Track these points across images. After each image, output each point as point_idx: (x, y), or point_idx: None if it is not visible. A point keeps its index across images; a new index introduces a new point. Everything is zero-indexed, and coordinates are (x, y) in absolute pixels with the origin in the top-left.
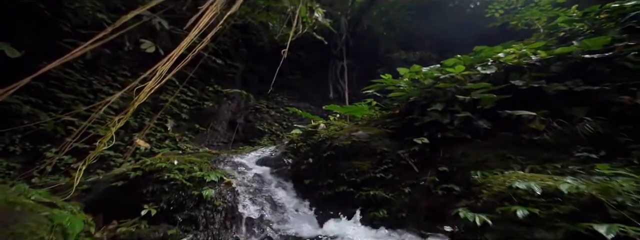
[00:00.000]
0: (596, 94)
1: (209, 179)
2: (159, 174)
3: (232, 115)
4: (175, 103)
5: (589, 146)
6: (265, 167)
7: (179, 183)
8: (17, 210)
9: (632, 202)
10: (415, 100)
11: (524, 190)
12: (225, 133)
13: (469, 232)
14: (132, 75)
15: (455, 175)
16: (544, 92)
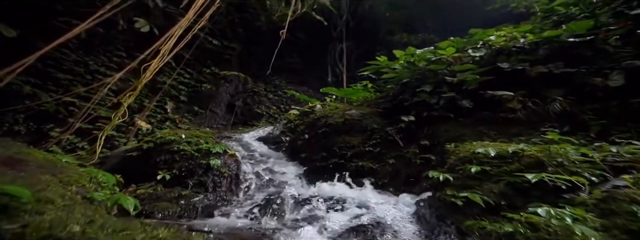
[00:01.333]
0: (573, 76)
1: (215, 151)
2: (170, 146)
3: (230, 98)
4: (173, 85)
5: (555, 123)
6: (265, 144)
7: (188, 153)
8: (58, 166)
9: (568, 161)
10: (407, 81)
11: (483, 153)
12: (224, 115)
13: (434, 187)
14: (128, 55)
15: (435, 148)
16: (526, 74)
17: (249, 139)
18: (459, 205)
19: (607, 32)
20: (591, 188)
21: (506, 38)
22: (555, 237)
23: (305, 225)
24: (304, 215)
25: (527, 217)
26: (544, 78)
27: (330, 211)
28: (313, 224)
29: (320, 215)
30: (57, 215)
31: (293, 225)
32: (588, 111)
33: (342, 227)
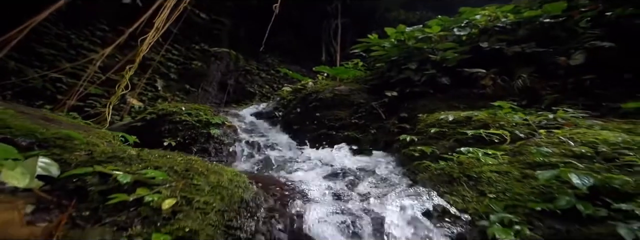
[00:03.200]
0: (542, 55)
1: (214, 122)
2: (172, 117)
3: (222, 76)
4: (162, 62)
5: (517, 97)
6: (259, 119)
7: (190, 123)
8: (83, 126)
9: (508, 124)
10: (396, 59)
11: (444, 119)
12: (217, 94)
13: (403, 146)
14: (111, 29)
15: (411, 119)
16: (503, 53)
17: (245, 114)
18: (416, 155)
19: (579, 14)
20: (517, 141)
21: (489, 17)
22: (469, 165)
23: (298, 172)
24: (297, 168)
25: (457, 157)
26: (518, 57)
27: (316, 167)
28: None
29: (310, 167)
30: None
31: (289, 172)
32: (547, 87)
33: (327, 173)
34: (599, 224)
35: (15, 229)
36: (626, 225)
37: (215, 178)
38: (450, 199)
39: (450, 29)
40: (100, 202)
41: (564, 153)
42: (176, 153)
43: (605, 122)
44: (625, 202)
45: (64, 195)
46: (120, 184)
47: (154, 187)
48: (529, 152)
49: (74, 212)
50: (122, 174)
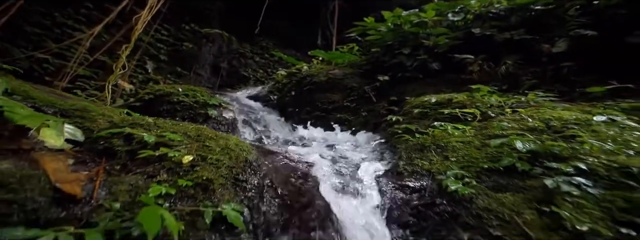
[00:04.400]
0: (530, 42)
1: (212, 103)
2: (169, 97)
3: (214, 59)
4: (151, 43)
5: (499, 82)
6: (255, 101)
7: (187, 104)
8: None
9: (483, 105)
10: (391, 44)
11: (428, 101)
12: (209, 78)
13: (389, 125)
14: (95, 7)
15: (400, 103)
16: (494, 39)
17: (240, 97)
18: (399, 132)
19: (570, 2)
20: (488, 119)
21: (484, 3)
22: (440, 137)
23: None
24: (291, 144)
25: (432, 131)
26: (507, 43)
27: (310, 143)
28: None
29: (303, 143)
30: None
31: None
32: (528, 73)
33: (320, 147)
34: (533, 178)
35: (64, 174)
36: (552, 179)
37: (224, 142)
38: (419, 162)
39: (445, 14)
40: (128, 159)
41: (521, 127)
42: (187, 122)
43: (571, 105)
44: (557, 163)
45: (94, 155)
46: (145, 143)
47: (174, 147)
48: (492, 126)
49: (107, 166)
50: (147, 135)
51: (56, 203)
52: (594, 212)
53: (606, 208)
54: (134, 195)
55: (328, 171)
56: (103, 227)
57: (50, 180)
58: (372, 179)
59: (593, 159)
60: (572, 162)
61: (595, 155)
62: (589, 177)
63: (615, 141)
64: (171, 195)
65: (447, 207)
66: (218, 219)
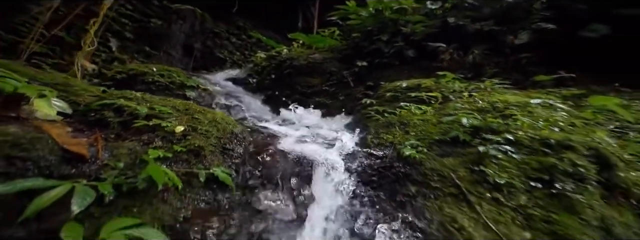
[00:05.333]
0: (497, 34)
1: (189, 84)
2: (143, 77)
3: (186, 38)
4: (115, 18)
5: (465, 70)
6: (234, 84)
7: (163, 84)
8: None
9: (447, 89)
10: (371, 29)
11: (399, 86)
12: (181, 58)
13: (363, 107)
14: None
15: (375, 87)
16: (466, 29)
17: (218, 79)
18: (371, 114)
19: None
20: (448, 101)
21: None
22: (404, 116)
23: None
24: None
25: (399, 112)
26: (478, 34)
27: (288, 123)
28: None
29: (282, 123)
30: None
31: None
32: (492, 63)
33: (297, 126)
34: (471, 147)
35: (67, 138)
36: (485, 146)
37: (211, 116)
38: (385, 136)
39: (424, 1)
40: (121, 129)
41: (471, 108)
42: (173, 98)
43: (521, 91)
44: (493, 135)
45: (87, 125)
46: (137, 115)
47: (165, 118)
48: (448, 107)
49: (102, 134)
50: (140, 107)
51: (66, 161)
52: (513, 170)
53: (523, 168)
54: (135, 158)
55: (304, 143)
56: (111, 181)
57: (57, 142)
58: (344, 149)
59: (521, 133)
60: (504, 134)
61: (524, 130)
62: (514, 146)
63: (546, 120)
64: (168, 159)
65: (402, 169)
66: (210, 179)
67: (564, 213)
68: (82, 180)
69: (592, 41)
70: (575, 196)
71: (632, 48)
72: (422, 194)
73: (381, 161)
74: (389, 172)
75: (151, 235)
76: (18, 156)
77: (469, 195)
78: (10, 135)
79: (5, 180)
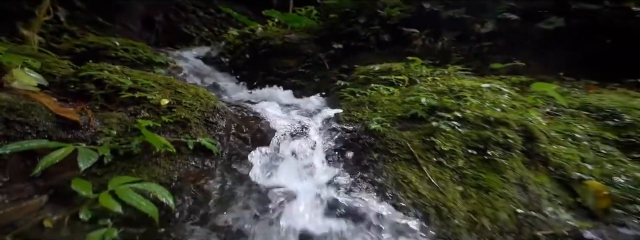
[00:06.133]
0: (466, 22)
1: (157, 60)
2: (106, 52)
3: (146, 10)
4: None
5: (434, 56)
6: (205, 63)
7: (129, 60)
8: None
9: (415, 73)
10: (349, 11)
11: (372, 69)
12: (141, 33)
13: (337, 89)
14: None
15: (350, 71)
16: (439, 15)
17: (187, 57)
18: (344, 95)
19: None
20: (413, 84)
21: None
22: (374, 97)
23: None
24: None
25: (370, 93)
26: (449, 21)
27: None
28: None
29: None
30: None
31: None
32: (459, 50)
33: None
34: (427, 122)
35: (58, 106)
36: (437, 122)
37: (194, 90)
38: (355, 113)
39: None
40: (105, 101)
41: (432, 90)
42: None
43: (478, 77)
44: (445, 113)
45: (69, 96)
46: (120, 88)
47: (149, 92)
48: (413, 89)
49: (87, 106)
50: (124, 79)
51: (61, 127)
52: (456, 141)
53: (464, 139)
54: (126, 127)
55: (281, 119)
56: (108, 146)
57: (50, 109)
58: (317, 124)
59: (469, 112)
60: (455, 113)
61: (471, 110)
62: (461, 122)
63: (492, 102)
64: (157, 128)
65: (368, 140)
66: (198, 148)
67: (490, 173)
68: (81, 144)
69: (547, 32)
70: (501, 161)
71: (580, 41)
72: (382, 159)
73: (351, 134)
74: (356, 143)
75: (154, 188)
76: (16, 120)
77: (419, 159)
78: (4, 101)
79: (7, 142)
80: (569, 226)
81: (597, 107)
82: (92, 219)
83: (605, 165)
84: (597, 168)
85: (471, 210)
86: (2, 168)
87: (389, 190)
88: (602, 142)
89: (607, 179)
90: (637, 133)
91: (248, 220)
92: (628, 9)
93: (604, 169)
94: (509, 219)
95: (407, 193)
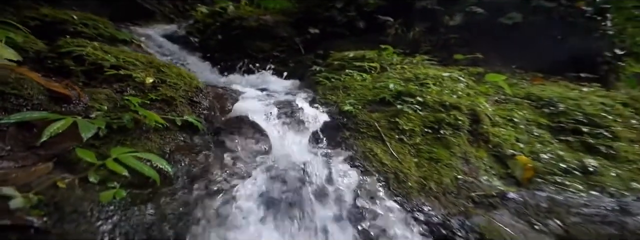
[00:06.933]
0: (437, 13)
1: (121, 38)
2: (64, 26)
3: None
4: None
5: (405, 46)
6: (173, 43)
7: (89, 36)
8: None
9: (386, 61)
10: None
11: (347, 55)
12: (97, 7)
13: (312, 74)
14: None
15: (325, 56)
16: (414, 5)
17: (152, 35)
18: (319, 80)
19: None
20: (384, 71)
21: None
22: (347, 82)
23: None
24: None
25: (344, 78)
26: (422, 11)
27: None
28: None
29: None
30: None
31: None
32: (428, 41)
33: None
34: (393, 106)
35: (44, 81)
36: (401, 105)
37: (176, 70)
38: (330, 96)
39: None
40: (85, 78)
41: (400, 77)
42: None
43: (442, 67)
44: (409, 97)
45: (48, 73)
46: (101, 65)
47: (132, 70)
48: (383, 76)
49: (69, 82)
50: (108, 56)
51: (54, 101)
52: (416, 122)
53: (423, 120)
54: (115, 103)
55: (261, 101)
56: (102, 120)
57: (40, 83)
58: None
59: (429, 97)
60: (417, 98)
61: (432, 95)
62: (421, 105)
63: (450, 89)
64: (145, 105)
65: (341, 120)
66: (184, 125)
67: (441, 148)
68: (76, 116)
69: (507, 27)
70: (450, 138)
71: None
72: (353, 136)
73: (326, 115)
74: (331, 123)
75: (152, 157)
76: (11, 93)
77: (384, 136)
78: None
79: (5, 114)
80: (498, 189)
81: (538, 97)
82: (101, 181)
83: (536, 144)
84: (528, 147)
85: (422, 176)
86: (2, 138)
87: (358, 161)
88: (537, 126)
89: (534, 155)
90: (566, 119)
91: (237, 175)
92: (579, 7)
93: (534, 147)
94: (451, 183)
95: (372, 163)
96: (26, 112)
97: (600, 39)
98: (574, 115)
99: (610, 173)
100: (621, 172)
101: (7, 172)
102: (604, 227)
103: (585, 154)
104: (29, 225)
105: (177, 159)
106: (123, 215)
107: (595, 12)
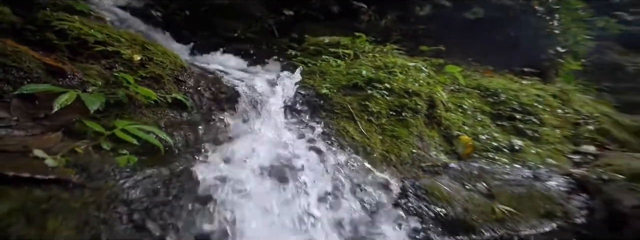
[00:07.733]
0: (408, 3)
1: (79, 8)
2: None
3: None
4: None
5: (377, 34)
6: (132, 15)
7: (42, 6)
8: None
9: (359, 48)
10: None
11: (322, 41)
12: None
13: (288, 58)
14: None
15: (300, 41)
16: None
17: (107, 5)
18: (296, 64)
19: None
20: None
21: None
22: (323, 67)
23: None
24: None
25: (320, 64)
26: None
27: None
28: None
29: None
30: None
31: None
32: (398, 30)
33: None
34: (364, 91)
35: (38, 55)
36: (371, 91)
37: (161, 48)
38: (307, 81)
39: None
40: (70, 53)
41: (371, 65)
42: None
43: (409, 57)
44: (379, 84)
45: (30, 46)
46: (86, 40)
47: (117, 46)
48: (356, 63)
49: (56, 57)
50: (92, 31)
51: (51, 75)
52: (383, 105)
53: (389, 104)
54: (106, 79)
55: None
56: (98, 94)
57: (35, 57)
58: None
59: (396, 84)
60: (385, 84)
61: (398, 83)
62: (389, 91)
63: (413, 78)
64: (137, 82)
65: (318, 102)
66: (173, 102)
67: (401, 128)
68: (77, 90)
69: (470, 21)
70: (410, 120)
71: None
72: (329, 116)
73: (304, 97)
74: (309, 105)
75: (154, 129)
76: (12, 65)
77: (355, 117)
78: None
79: (9, 86)
80: (442, 161)
81: (485, 88)
82: (112, 149)
83: (477, 128)
84: (471, 129)
85: (385, 150)
86: (7, 109)
87: (333, 137)
88: (481, 112)
89: (475, 136)
90: (505, 107)
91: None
92: (532, 7)
93: (476, 130)
94: (407, 155)
95: (345, 138)
96: (34, 84)
97: (547, 37)
98: (511, 104)
99: (531, 151)
100: (541, 151)
101: (24, 139)
102: (518, 188)
103: (514, 136)
104: (68, 179)
105: (169, 132)
106: (141, 174)
107: (546, 12)
